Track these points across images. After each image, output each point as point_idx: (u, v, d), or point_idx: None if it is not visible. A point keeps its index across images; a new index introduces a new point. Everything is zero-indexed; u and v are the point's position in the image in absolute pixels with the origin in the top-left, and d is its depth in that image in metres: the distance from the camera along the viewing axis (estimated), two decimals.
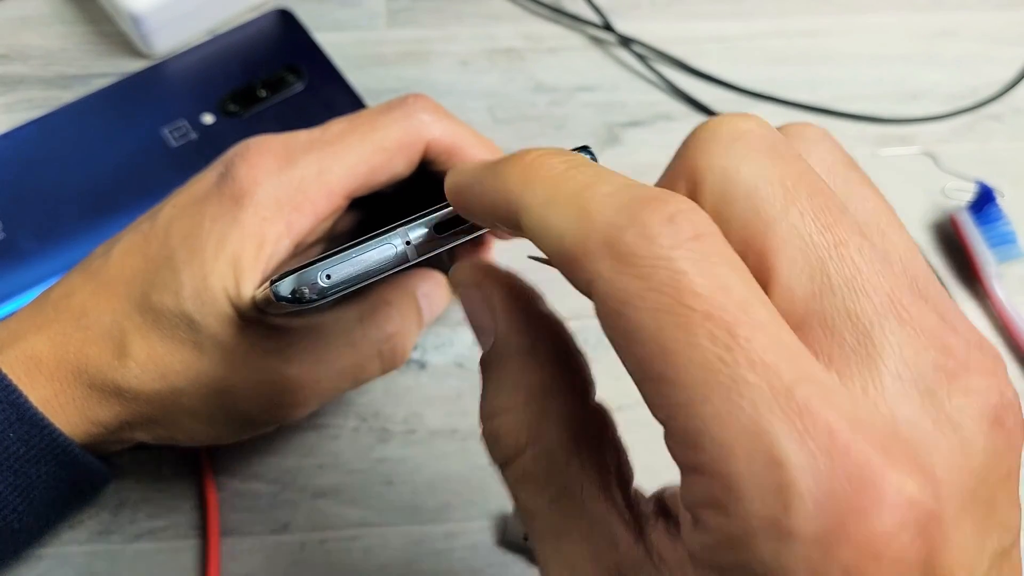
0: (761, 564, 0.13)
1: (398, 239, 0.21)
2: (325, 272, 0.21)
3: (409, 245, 0.21)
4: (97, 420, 0.29)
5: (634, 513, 0.18)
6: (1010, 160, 0.44)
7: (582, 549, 0.17)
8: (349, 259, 0.21)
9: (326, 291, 0.22)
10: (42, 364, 0.28)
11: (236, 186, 0.29)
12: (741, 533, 0.13)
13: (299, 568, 0.33)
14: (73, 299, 0.29)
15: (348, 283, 0.22)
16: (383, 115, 0.31)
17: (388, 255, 0.21)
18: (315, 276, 0.21)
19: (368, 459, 0.35)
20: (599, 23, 0.47)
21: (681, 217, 0.14)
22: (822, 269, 0.16)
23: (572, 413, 0.18)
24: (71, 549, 0.32)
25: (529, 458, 0.18)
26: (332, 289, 0.22)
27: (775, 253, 0.16)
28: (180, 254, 0.28)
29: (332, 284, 0.21)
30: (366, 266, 0.21)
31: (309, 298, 0.22)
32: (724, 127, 0.17)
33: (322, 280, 0.21)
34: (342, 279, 0.21)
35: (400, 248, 0.21)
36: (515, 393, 0.18)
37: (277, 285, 0.22)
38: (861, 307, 0.15)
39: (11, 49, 0.43)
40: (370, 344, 0.31)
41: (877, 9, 0.49)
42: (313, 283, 0.21)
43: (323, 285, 0.21)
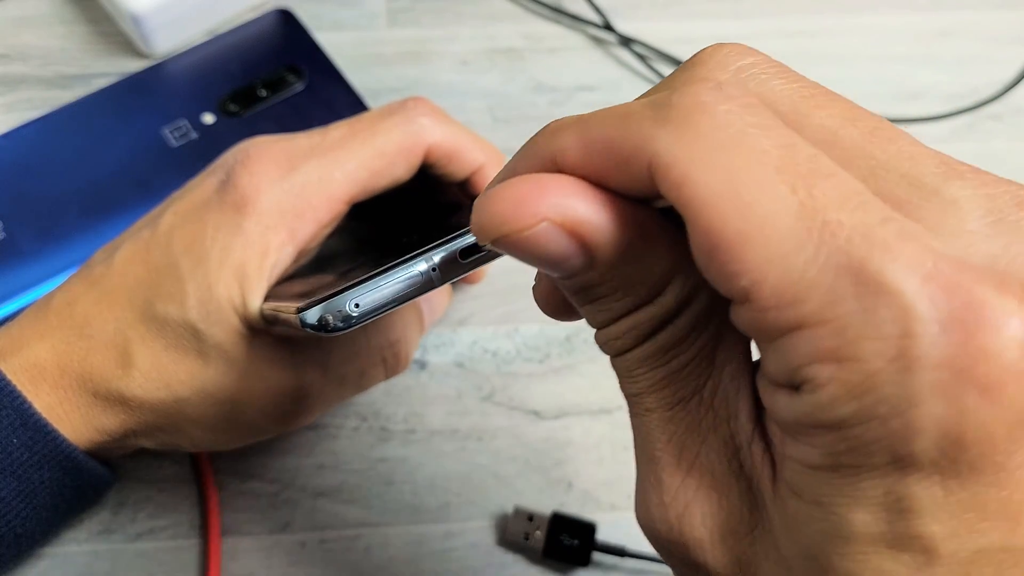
0: (886, 403, 0.13)
1: (424, 264, 0.21)
2: (354, 301, 0.21)
3: (435, 272, 0.21)
4: (101, 428, 0.29)
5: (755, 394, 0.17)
6: (1010, 160, 0.44)
7: (698, 416, 0.17)
8: (377, 287, 0.21)
9: (353, 319, 0.21)
10: (46, 372, 0.28)
11: (238, 194, 0.29)
12: (861, 376, 0.13)
13: (299, 568, 0.33)
14: (76, 307, 0.29)
15: (376, 311, 0.21)
16: (383, 120, 0.31)
17: (415, 281, 0.21)
18: (343, 304, 0.21)
19: (368, 459, 0.35)
20: (599, 23, 0.47)
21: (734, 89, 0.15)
22: (865, 152, 0.15)
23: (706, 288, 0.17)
24: (71, 549, 0.32)
25: (680, 315, 0.16)
26: (360, 317, 0.21)
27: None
28: (184, 263, 0.28)
29: (360, 312, 0.21)
30: (393, 293, 0.21)
31: (335, 326, 0.21)
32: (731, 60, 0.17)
33: (350, 308, 0.21)
34: (370, 307, 0.21)
35: (426, 273, 0.21)
36: (663, 257, 0.16)
37: (304, 314, 0.22)
38: (920, 173, 0.15)
39: (11, 49, 0.43)
40: (374, 351, 0.31)
41: (877, 9, 0.49)
42: (340, 311, 0.21)
43: (351, 314, 0.21)
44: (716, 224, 0.14)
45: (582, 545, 0.33)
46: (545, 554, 0.33)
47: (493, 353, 0.37)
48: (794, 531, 0.15)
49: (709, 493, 0.17)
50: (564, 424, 0.36)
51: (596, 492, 0.35)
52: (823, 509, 0.14)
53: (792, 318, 0.13)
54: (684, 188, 0.14)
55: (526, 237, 0.15)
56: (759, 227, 0.13)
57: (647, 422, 0.17)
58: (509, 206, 0.15)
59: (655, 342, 0.17)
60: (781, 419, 0.15)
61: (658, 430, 0.17)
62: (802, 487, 0.15)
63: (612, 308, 0.17)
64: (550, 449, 0.36)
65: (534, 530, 0.33)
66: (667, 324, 0.17)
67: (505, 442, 0.36)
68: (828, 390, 0.13)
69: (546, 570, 0.33)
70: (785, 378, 0.14)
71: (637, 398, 0.17)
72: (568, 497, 0.35)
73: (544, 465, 0.35)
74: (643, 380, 0.17)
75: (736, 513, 0.16)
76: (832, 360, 0.13)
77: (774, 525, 0.16)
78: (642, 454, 0.18)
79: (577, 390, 0.37)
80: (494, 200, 0.16)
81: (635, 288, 0.16)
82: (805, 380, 0.14)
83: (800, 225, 0.13)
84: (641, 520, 0.18)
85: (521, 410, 0.36)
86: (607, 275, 0.16)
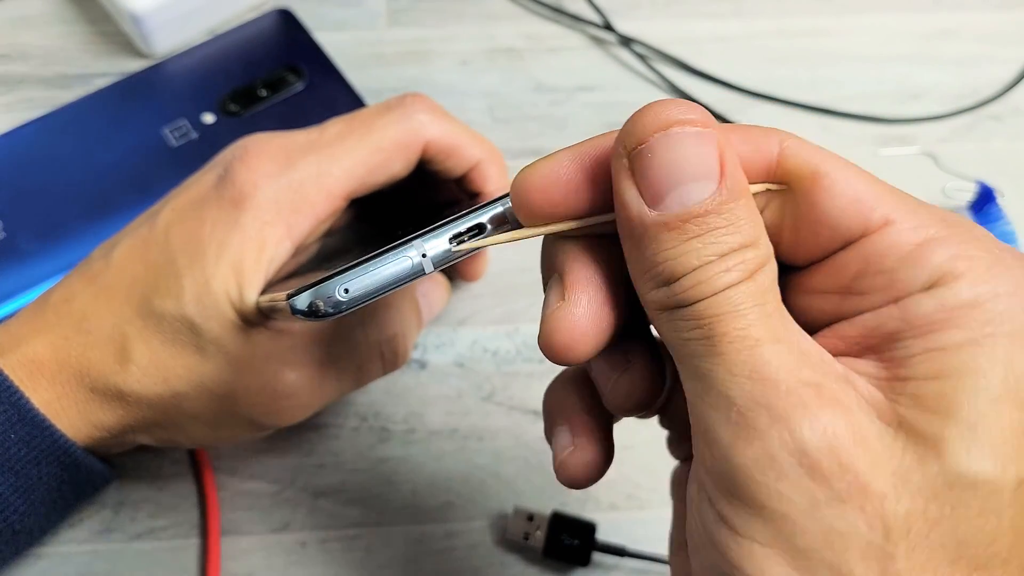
0: (1011, 279, 0.18)
1: (414, 251, 0.21)
2: (343, 286, 0.21)
3: (425, 257, 0.21)
4: (99, 423, 0.29)
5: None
6: (1010, 160, 0.44)
7: (804, 350, 0.18)
8: (366, 272, 0.21)
9: (342, 305, 0.21)
10: (44, 368, 0.28)
11: (235, 190, 0.29)
12: (987, 264, 0.18)
13: (299, 567, 0.33)
14: (74, 303, 0.29)
15: (365, 297, 0.21)
16: (381, 115, 0.31)
17: (405, 267, 0.21)
18: (332, 290, 0.21)
19: (368, 459, 0.35)
20: (599, 23, 0.47)
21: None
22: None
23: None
24: (71, 548, 0.32)
25: (768, 268, 0.18)
26: (349, 303, 0.21)
27: None
28: (181, 259, 0.28)
29: (350, 298, 0.21)
30: (383, 279, 0.21)
31: (325, 312, 0.21)
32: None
33: (339, 294, 0.21)
34: (360, 293, 0.21)
35: (417, 260, 0.21)
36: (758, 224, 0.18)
37: (294, 299, 0.22)
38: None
39: (11, 49, 0.43)
40: (372, 346, 0.31)
41: (877, 9, 0.49)
42: (330, 297, 0.21)
43: (340, 299, 0.21)
44: (856, 182, 0.19)
45: (582, 545, 0.33)
46: (545, 554, 0.33)
47: (493, 353, 0.37)
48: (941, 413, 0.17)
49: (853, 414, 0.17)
50: None
51: (596, 492, 0.35)
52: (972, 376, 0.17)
53: (929, 233, 0.18)
54: (825, 160, 0.19)
55: (691, 134, 0.18)
56: (882, 190, 0.19)
57: (759, 353, 0.17)
58: (682, 109, 0.18)
59: (756, 280, 0.18)
60: (919, 315, 0.18)
61: (773, 357, 0.17)
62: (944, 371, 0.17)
63: (723, 241, 0.18)
64: (550, 449, 0.36)
65: (534, 530, 0.33)
66: (764, 267, 0.18)
67: (505, 442, 0.36)
68: (970, 276, 0.17)
69: (546, 570, 0.33)
70: (927, 279, 0.18)
71: (742, 331, 0.17)
72: (568, 497, 0.35)
73: (544, 465, 0.35)
74: (749, 313, 0.17)
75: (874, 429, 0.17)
76: (967, 257, 0.18)
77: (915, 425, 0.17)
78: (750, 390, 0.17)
79: None
80: (660, 105, 0.18)
81: (746, 226, 0.18)
82: (948, 272, 0.17)
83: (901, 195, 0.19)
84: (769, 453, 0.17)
85: (521, 410, 0.36)
86: (727, 206, 0.18)
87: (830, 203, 0.19)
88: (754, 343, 0.17)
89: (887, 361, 0.18)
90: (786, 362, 0.17)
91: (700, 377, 0.18)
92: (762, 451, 0.17)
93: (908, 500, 0.16)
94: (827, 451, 0.16)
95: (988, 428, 0.16)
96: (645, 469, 0.35)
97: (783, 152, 0.19)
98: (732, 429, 0.17)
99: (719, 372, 0.17)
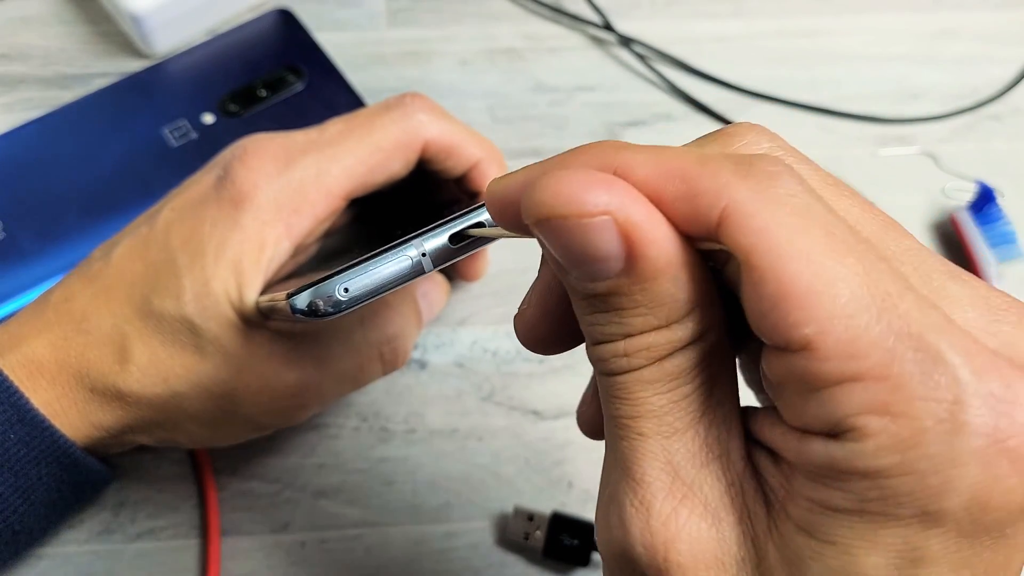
0: (929, 460, 0.14)
1: (413, 250, 0.21)
2: (343, 286, 0.21)
3: (425, 256, 0.21)
4: (99, 424, 0.29)
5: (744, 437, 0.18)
6: (1010, 160, 0.44)
7: (693, 449, 0.17)
8: (366, 272, 0.21)
9: (342, 304, 0.21)
10: (43, 368, 0.28)
11: (235, 189, 0.29)
12: (910, 432, 0.14)
13: (299, 568, 0.33)
14: (73, 303, 0.29)
15: (365, 296, 0.21)
16: (380, 115, 0.31)
17: (404, 266, 0.21)
18: (332, 289, 0.21)
19: (368, 459, 0.35)
20: (599, 23, 0.47)
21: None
22: (882, 242, 0.17)
23: (721, 329, 0.18)
24: (71, 549, 0.32)
25: (685, 352, 0.17)
26: (349, 302, 0.21)
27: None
28: (181, 259, 0.28)
29: (349, 297, 0.21)
30: (383, 278, 0.21)
31: (325, 311, 0.21)
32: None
33: (339, 294, 0.21)
34: (359, 292, 0.21)
35: (416, 259, 0.21)
36: (691, 288, 0.17)
37: (294, 299, 0.22)
38: (928, 269, 0.17)
39: (11, 49, 0.43)
40: (371, 347, 0.31)
41: (877, 9, 0.49)
42: (330, 296, 0.21)
43: (340, 298, 0.21)
44: (788, 276, 0.15)
45: (582, 545, 0.33)
46: (545, 554, 0.33)
47: (493, 353, 0.37)
48: (796, 567, 0.16)
49: (699, 523, 0.17)
50: (564, 424, 0.36)
51: (596, 492, 0.35)
52: (836, 548, 0.15)
53: (851, 370, 0.15)
54: (760, 239, 0.15)
55: (582, 225, 0.15)
56: (829, 285, 0.15)
57: (639, 446, 0.17)
58: (575, 189, 0.15)
59: (663, 367, 0.17)
60: (809, 462, 0.16)
61: (651, 456, 0.17)
62: (815, 526, 0.16)
63: (628, 323, 0.17)
64: (550, 449, 0.36)
65: (534, 530, 0.33)
66: (679, 351, 0.17)
67: (505, 442, 0.36)
68: (875, 440, 0.15)
69: (546, 570, 0.33)
70: (827, 426, 0.15)
71: (631, 421, 0.17)
72: (568, 497, 0.35)
73: (544, 465, 0.35)
74: (643, 404, 0.17)
75: (725, 545, 0.17)
76: (885, 413, 0.15)
77: (770, 560, 0.16)
78: (624, 477, 0.18)
79: (577, 390, 0.37)
80: (560, 179, 0.16)
81: (658, 308, 0.16)
82: (852, 428, 0.15)
83: (864, 290, 0.15)
84: (614, 541, 0.18)
85: (521, 410, 0.36)
86: (636, 288, 0.16)
87: (752, 303, 0.15)
88: (637, 436, 0.17)
89: (783, 482, 0.17)
90: (661, 459, 0.17)
91: (608, 446, 0.18)
92: (618, 545, 0.18)
93: None
94: (649, 555, 0.17)
95: None
96: None
97: (722, 218, 0.15)
98: (604, 508, 0.18)
99: (616, 450, 0.18)
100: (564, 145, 0.43)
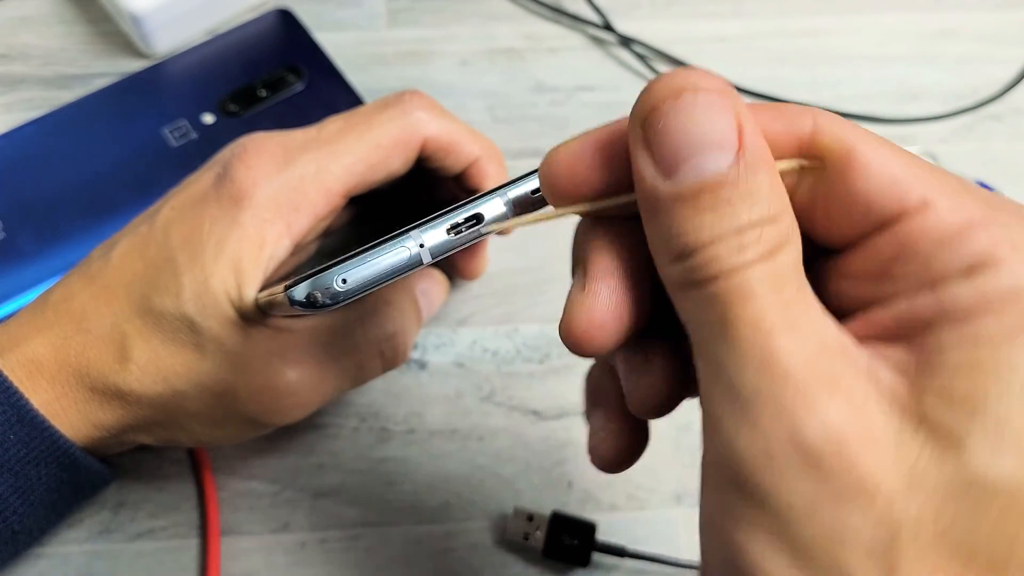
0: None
1: (412, 242, 0.21)
2: (340, 276, 0.21)
3: (423, 248, 0.21)
4: (99, 423, 0.29)
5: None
6: (1010, 160, 0.44)
7: (797, 346, 0.17)
8: (364, 262, 0.21)
9: (340, 295, 0.21)
10: (43, 367, 0.28)
11: (235, 187, 0.29)
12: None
13: (299, 568, 0.33)
14: (73, 302, 0.29)
15: (363, 287, 0.21)
16: (379, 113, 0.31)
17: (403, 258, 0.21)
18: (330, 280, 0.21)
19: (368, 459, 0.35)
20: (599, 23, 0.47)
21: None
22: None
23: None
24: (71, 549, 0.32)
25: (790, 248, 0.17)
26: (347, 293, 0.21)
27: None
28: (180, 257, 0.28)
29: (347, 289, 0.21)
30: (381, 269, 0.21)
31: (323, 303, 0.21)
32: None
33: (337, 284, 0.21)
34: (358, 284, 0.21)
35: (414, 251, 0.21)
36: (782, 199, 0.18)
37: (292, 290, 0.22)
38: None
39: (11, 49, 0.43)
40: (371, 344, 0.31)
41: (877, 9, 0.49)
42: (328, 287, 0.21)
43: (338, 289, 0.21)
44: (893, 163, 0.18)
45: (582, 545, 0.33)
46: (545, 554, 0.33)
47: (493, 353, 0.37)
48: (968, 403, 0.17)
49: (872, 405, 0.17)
50: (564, 424, 0.36)
51: (596, 492, 0.35)
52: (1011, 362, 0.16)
53: (969, 217, 0.17)
54: (859, 140, 0.18)
55: (704, 102, 0.17)
56: (929, 172, 0.18)
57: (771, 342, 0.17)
58: (694, 77, 0.17)
59: (776, 261, 0.17)
60: (954, 303, 0.17)
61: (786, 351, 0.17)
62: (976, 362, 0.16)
63: (739, 216, 0.17)
64: (550, 449, 0.36)
65: (534, 530, 0.33)
66: (784, 246, 0.17)
67: (505, 442, 0.36)
68: (1011, 264, 0.16)
69: (546, 570, 0.33)
70: (963, 266, 0.17)
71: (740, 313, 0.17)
72: (568, 497, 0.35)
73: (544, 465, 0.35)
74: (763, 298, 0.17)
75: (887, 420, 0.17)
76: (1012, 246, 0.16)
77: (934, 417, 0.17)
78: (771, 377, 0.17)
79: (577, 390, 0.37)
80: (675, 74, 0.17)
81: (764, 201, 0.17)
82: (990, 259, 0.16)
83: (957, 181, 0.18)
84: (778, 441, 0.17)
85: (521, 410, 0.36)
86: (746, 176, 0.17)
87: (864, 184, 0.18)
88: (767, 331, 0.16)
89: (918, 349, 0.17)
90: (800, 353, 0.16)
91: (711, 361, 0.17)
92: (764, 446, 0.16)
93: (921, 501, 0.16)
94: (832, 448, 0.16)
95: (1016, 430, 0.16)
96: (645, 470, 0.35)
97: (816, 128, 0.18)
98: (736, 420, 0.17)
99: (730, 359, 0.17)
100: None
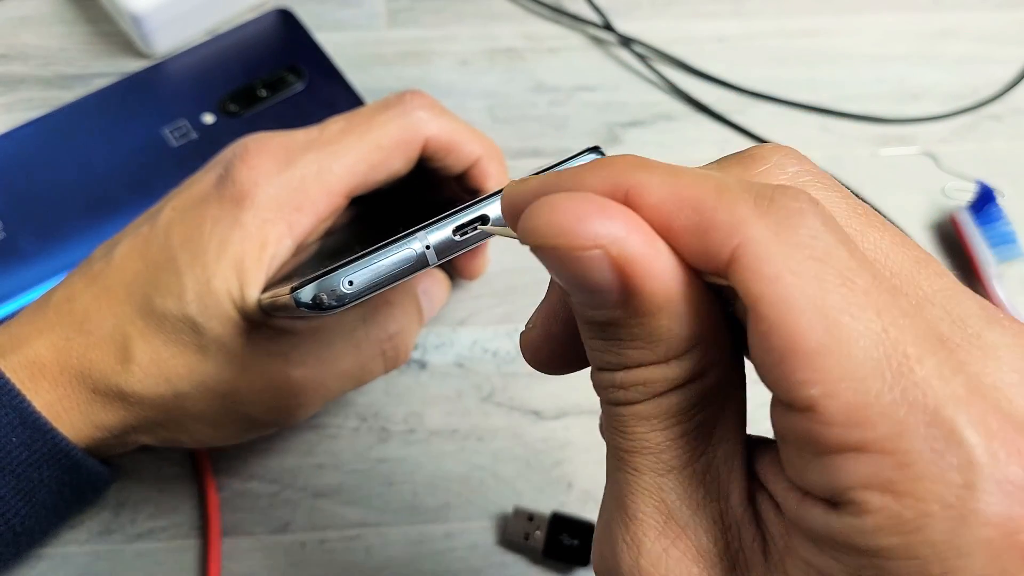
0: (931, 547, 0.13)
1: (417, 243, 0.21)
2: (347, 278, 0.21)
3: (429, 249, 0.21)
4: (101, 424, 0.29)
5: (748, 477, 0.17)
6: (1010, 160, 0.44)
7: (689, 489, 0.16)
8: (370, 264, 0.21)
9: (347, 297, 0.21)
10: (45, 369, 0.28)
11: (236, 188, 0.29)
12: (914, 514, 0.13)
13: (299, 568, 0.33)
14: (75, 303, 0.29)
15: (370, 289, 0.21)
16: (380, 113, 0.31)
17: (409, 259, 0.21)
18: (336, 282, 0.21)
19: (368, 459, 0.35)
20: (599, 23, 0.47)
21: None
22: (913, 282, 0.16)
23: (728, 365, 0.17)
24: (71, 549, 0.32)
25: (687, 389, 0.16)
26: (353, 295, 0.21)
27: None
28: (182, 257, 0.28)
29: (354, 290, 0.21)
30: (387, 271, 0.21)
31: (329, 304, 0.21)
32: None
33: (344, 286, 0.21)
34: (364, 285, 0.21)
35: (420, 252, 0.21)
36: (694, 324, 0.16)
37: (298, 292, 0.22)
38: (963, 313, 0.15)
39: (11, 49, 0.43)
40: (373, 344, 0.31)
41: (877, 9, 0.49)
42: (334, 289, 0.21)
43: (344, 291, 0.21)
44: (798, 329, 0.14)
45: (582, 545, 0.33)
46: (545, 554, 0.33)
47: (493, 353, 0.37)
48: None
49: (690, 568, 0.16)
50: (564, 424, 0.36)
51: (596, 492, 0.35)
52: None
53: (855, 439, 0.13)
54: (771, 287, 0.14)
55: (575, 257, 0.15)
56: (841, 343, 0.13)
57: (634, 481, 0.17)
58: (569, 219, 0.15)
59: (659, 404, 0.16)
60: (809, 529, 0.15)
61: (646, 493, 0.17)
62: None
63: (626, 355, 0.16)
64: (550, 449, 0.36)
65: (534, 530, 0.33)
66: (676, 389, 0.16)
67: (505, 442, 0.36)
68: (875, 518, 0.13)
69: (546, 570, 0.33)
70: (827, 493, 0.14)
71: (627, 455, 0.17)
72: (568, 497, 0.35)
73: (544, 465, 0.35)
74: (639, 440, 0.17)
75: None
76: (888, 491, 0.13)
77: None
78: (619, 509, 0.17)
79: (577, 390, 0.37)
80: (554, 207, 0.15)
81: (656, 344, 0.16)
82: (851, 502, 0.14)
83: (880, 352, 0.13)
84: (606, 571, 0.17)
85: (521, 410, 0.36)
86: (634, 320, 0.15)
87: (758, 353, 0.14)
88: (632, 471, 0.17)
89: (787, 529, 0.16)
90: (655, 497, 0.16)
91: (607, 473, 0.18)
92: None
93: None
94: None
95: None
96: None
97: (733, 259, 0.14)
98: (600, 536, 0.18)
99: (613, 481, 0.17)
100: (564, 145, 0.43)
